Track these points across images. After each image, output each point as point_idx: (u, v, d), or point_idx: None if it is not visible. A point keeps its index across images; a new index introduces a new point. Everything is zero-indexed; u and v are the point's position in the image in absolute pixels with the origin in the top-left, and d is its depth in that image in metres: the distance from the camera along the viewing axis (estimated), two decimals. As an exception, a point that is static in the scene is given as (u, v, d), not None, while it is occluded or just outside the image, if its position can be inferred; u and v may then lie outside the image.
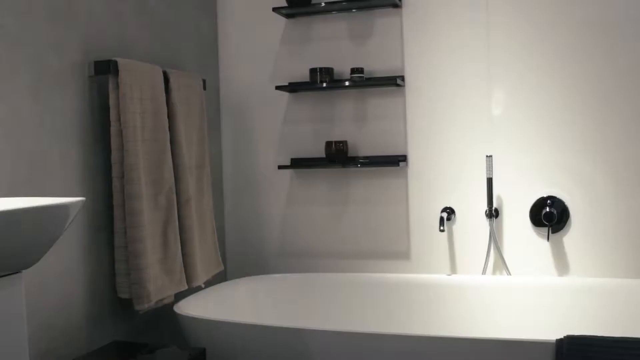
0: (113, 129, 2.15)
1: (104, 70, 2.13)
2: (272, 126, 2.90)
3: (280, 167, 2.77)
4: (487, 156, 2.58)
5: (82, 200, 1.38)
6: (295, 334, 1.98)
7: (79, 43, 2.10)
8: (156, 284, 2.22)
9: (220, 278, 2.91)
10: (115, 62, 2.13)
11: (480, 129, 2.64)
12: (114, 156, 2.16)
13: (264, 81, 2.91)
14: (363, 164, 2.69)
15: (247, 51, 2.93)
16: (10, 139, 1.84)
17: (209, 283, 2.78)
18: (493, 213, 2.58)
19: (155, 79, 2.30)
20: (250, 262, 2.96)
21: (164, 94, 2.35)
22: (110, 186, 2.22)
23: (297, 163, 2.84)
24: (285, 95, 2.88)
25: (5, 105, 1.82)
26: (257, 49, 2.92)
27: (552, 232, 2.59)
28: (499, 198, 2.64)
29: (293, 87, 2.73)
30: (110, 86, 2.14)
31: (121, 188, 2.17)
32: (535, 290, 2.51)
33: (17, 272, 1.35)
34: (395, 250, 2.76)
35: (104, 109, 2.20)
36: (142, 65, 2.24)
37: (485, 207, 2.65)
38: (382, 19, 2.74)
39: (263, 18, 2.90)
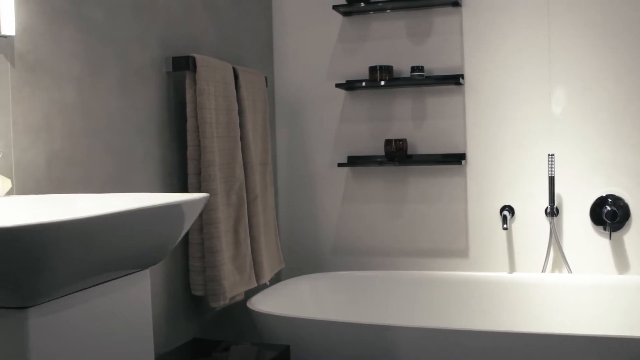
0: (189, 125, 2.14)
1: (182, 66, 2.12)
2: (328, 124, 2.90)
3: (340, 164, 2.77)
4: (549, 155, 2.59)
5: (206, 197, 1.37)
6: (381, 330, 1.97)
7: (158, 38, 2.09)
8: (229, 281, 2.21)
9: (276, 276, 2.90)
10: (194, 58, 2.12)
11: (539, 128, 2.65)
12: (190, 152, 2.14)
13: (319, 79, 2.90)
14: (425, 162, 2.68)
15: (302, 49, 2.92)
16: (101, 134, 1.83)
17: (271, 280, 2.77)
18: (554, 211, 2.59)
19: (227, 75, 2.29)
20: (305, 260, 2.95)
21: (235, 91, 2.34)
22: (185, 183, 2.20)
23: (355, 161, 2.84)
24: (341, 93, 2.88)
25: (97, 100, 1.81)
26: (312, 46, 2.91)
27: (612, 231, 2.60)
28: (558, 196, 2.64)
29: (353, 85, 2.72)
30: (187, 82, 2.13)
31: (197, 185, 2.15)
32: (596, 288, 2.52)
33: (144, 269, 1.34)
34: (454, 248, 2.76)
35: (179, 105, 2.19)
36: (216, 61, 2.23)
37: (544, 205, 2.66)
38: (441, 18, 2.74)
39: (319, 16, 2.89)
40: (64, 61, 1.70)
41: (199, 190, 2.15)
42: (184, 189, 2.19)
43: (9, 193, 1.52)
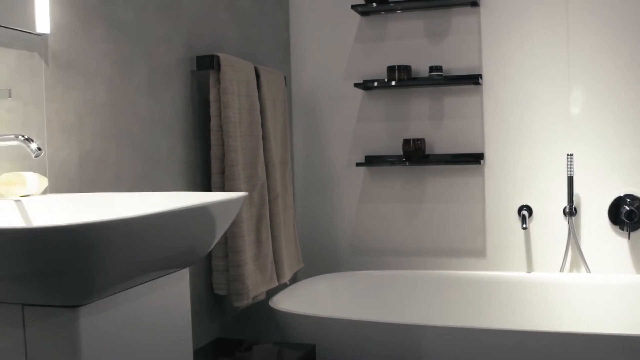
0: (213, 124, 2.14)
1: (206, 65, 2.12)
2: (345, 124, 2.90)
3: (357, 164, 2.77)
4: (568, 155, 2.59)
5: (244, 196, 1.37)
6: (407, 330, 1.98)
7: (183, 38, 2.09)
8: (252, 280, 2.21)
9: (294, 275, 2.90)
10: (218, 57, 2.12)
11: (558, 128, 2.66)
12: (214, 152, 2.14)
13: (337, 79, 2.90)
14: (442, 162, 2.69)
15: (319, 48, 2.92)
16: (129, 134, 1.83)
17: (289, 280, 2.77)
18: (573, 211, 2.60)
19: (249, 74, 2.29)
20: (322, 259, 2.95)
21: (257, 90, 2.34)
22: (208, 182, 2.20)
23: (372, 160, 2.84)
24: (358, 92, 2.88)
25: (125, 100, 1.81)
26: (330, 46, 2.91)
27: (631, 231, 2.60)
28: (576, 196, 2.65)
29: (371, 85, 2.72)
30: (211, 81, 2.13)
31: (221, 184, 2.15)
32: (614, 287, 2.53)
33: (184, 268, 1.34)
34: (471, 248, 2.77)
35: (203, 104, 2.19)
36: (239, 60, 2.23)
37: (562, 205, 2.66)
38: (459, 18, 2.75)
39: (337, 15, 2.89)
40: (96, 60, 1.70)
41: (222, 189, 2.15)
42: (207, 188, 2.19)
43: (44, 192, 1.52)
